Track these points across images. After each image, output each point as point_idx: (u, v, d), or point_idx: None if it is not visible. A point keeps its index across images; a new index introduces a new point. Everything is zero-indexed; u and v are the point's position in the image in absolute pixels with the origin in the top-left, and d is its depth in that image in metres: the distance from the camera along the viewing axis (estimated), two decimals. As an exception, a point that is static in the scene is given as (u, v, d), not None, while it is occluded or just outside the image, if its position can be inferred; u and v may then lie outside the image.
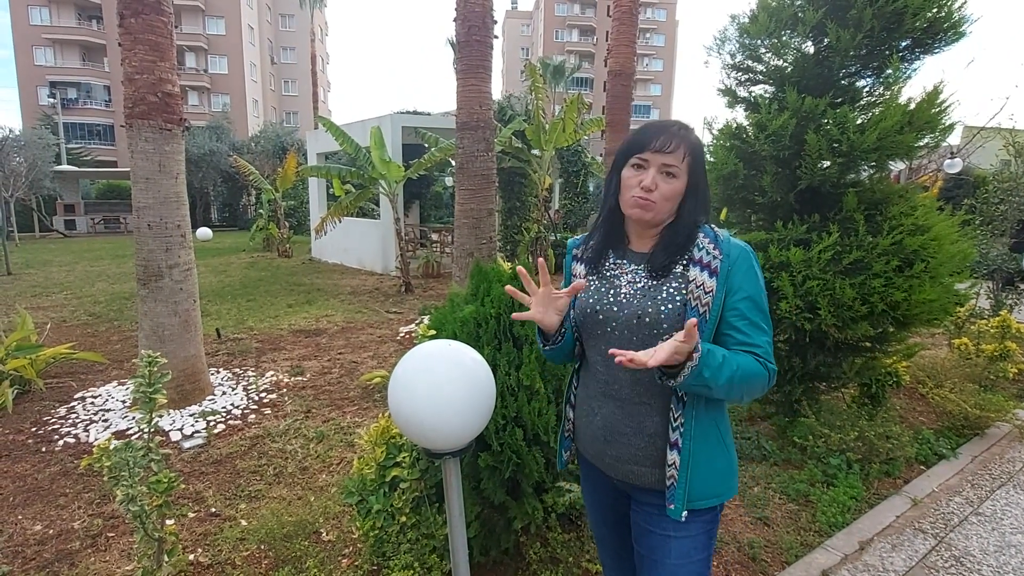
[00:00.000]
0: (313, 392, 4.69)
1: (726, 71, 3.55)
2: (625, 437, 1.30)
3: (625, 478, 1.34)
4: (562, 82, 45.86)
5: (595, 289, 1.34)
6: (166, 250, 4.11)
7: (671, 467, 1.24)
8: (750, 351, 1.19)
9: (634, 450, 1.29)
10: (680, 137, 1.23)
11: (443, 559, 2.12)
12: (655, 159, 1.23)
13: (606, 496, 1.47)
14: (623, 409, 1.30)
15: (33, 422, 4.06)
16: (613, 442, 1.32)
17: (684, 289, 1.23)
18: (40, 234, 20.96)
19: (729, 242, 1.25)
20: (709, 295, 1.20)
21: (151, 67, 3.95)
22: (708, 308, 1.20)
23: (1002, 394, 4.20)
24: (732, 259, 1.22)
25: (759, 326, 1.22)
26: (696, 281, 1.21)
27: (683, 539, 1.28)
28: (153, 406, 2.05)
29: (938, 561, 2.52)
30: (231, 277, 10.87)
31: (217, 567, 2.46)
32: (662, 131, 1.24)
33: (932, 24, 2.96)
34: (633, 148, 1.26)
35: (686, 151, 1.23)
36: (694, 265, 1.23)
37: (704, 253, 1.23)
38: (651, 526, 1.31)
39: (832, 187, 3.14)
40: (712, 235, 1.26)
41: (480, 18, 5.53)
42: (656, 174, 1.23)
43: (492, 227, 5.98)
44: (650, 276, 1.28)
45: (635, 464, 1.30)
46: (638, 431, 1.28)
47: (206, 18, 43.36)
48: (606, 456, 1.34)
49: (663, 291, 1.25)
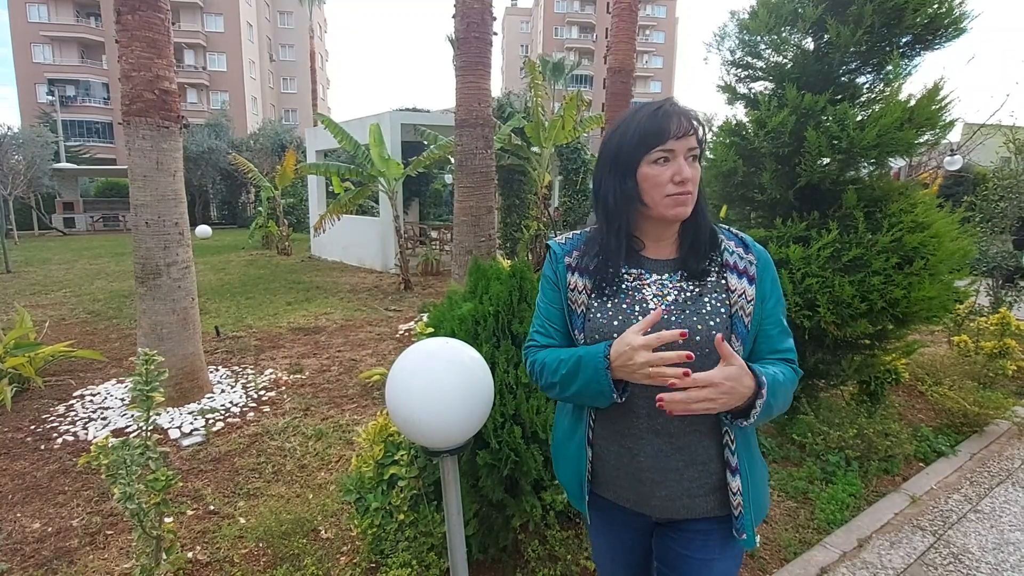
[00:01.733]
0: (312, 390, 4.69)
1: (726, 68, 3.54)
2: (677, 472, 1.15)
3: (675, 515, 1.19)
4: (562, 79, 45.78)
5: (615, 308, 1.14)
6: (164, 248, 4.10)
7: (735, 494, 1.13)
8: (783, 357, 1.13)
9: (688, 483, 1.16)
10: (689, 115, 1.09)
11: (441, 557, 2.12)
12: (680, 146, 1.07)
13: (632, 538, 1.32)
14: (672, 443, 1.14)
15: (32, 420, 4.05)
16: (663, 481, 1.16)
17: (727, 300, 1.11)
18: (39, 232, 20.94)
19: (756, 245, 1.17)
20: (751, 303, 1.11)
21: (148, 64, 3.93)
22: (751, 318, 1.11)
23: (1001, 391, 4.19)
24: (763, 263, 1.15)
25: (788, 331, 1.16)
26: (738, 290, 1.11)
27: (727, 559, 1.20)
28: (151, 404, 2.05)
29: (936, 558, 2.51)
30: (230, 275, 10.86)
31: (216, 565, 2.46)
32: (673, 113, 1.08)
33: (933, 20, 2.95)
34: (651, 140, 1.07)
35: (698, 127, 1.10)
36: (730, 272, 1.12)
37: (737, 258, 1.14)
38: (691, 552, 1.20)
39: (832, 184, 3.14)
40: (734, 237, 1.17)
41: (479, 15, 5.51)
42: (684, 162, 1.08)
43: (491, 225, 5.97)
44: (682, 286, 1.13)
45: (688, 498, 1.16)
46: (691, 463, 1.15)
47: (205, 15, 43.27)
48: (654, 498, 1.18)
49: (706, 303, 1.11)
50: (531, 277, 2.25)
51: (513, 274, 2.22)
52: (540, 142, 10.49)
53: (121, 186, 24.22)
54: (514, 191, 12.41)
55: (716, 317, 1.10)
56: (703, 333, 1.08)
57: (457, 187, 5.96)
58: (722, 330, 1.09)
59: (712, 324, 1.09)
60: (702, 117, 1.12)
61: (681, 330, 1.00)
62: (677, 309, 1.11)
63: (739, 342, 1.10)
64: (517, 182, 12.28)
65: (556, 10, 61.16)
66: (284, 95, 53.21)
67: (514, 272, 2.22)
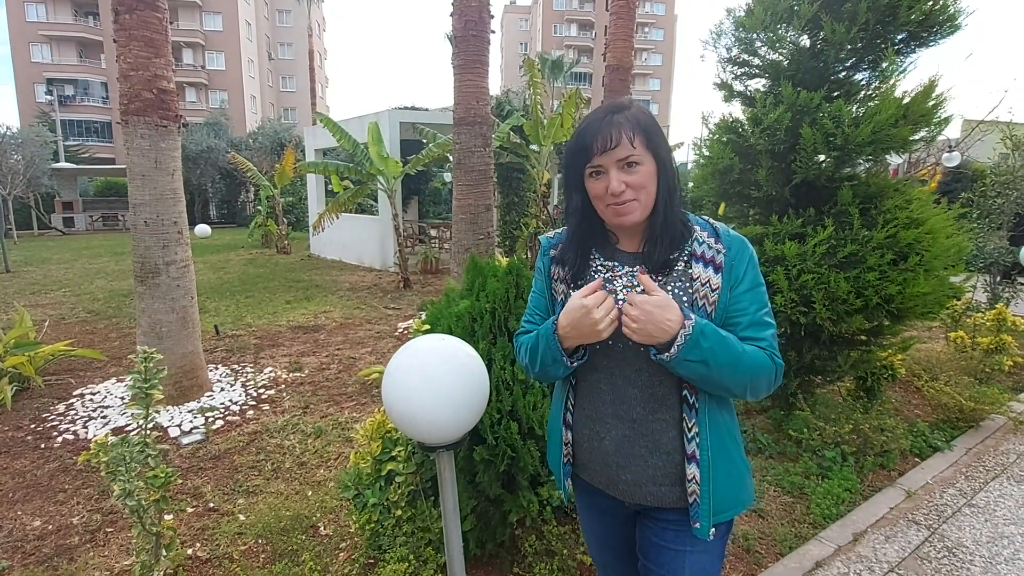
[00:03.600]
0: (311, 388, 4.70)
1: (722, 65, 3.55)
2: (640, 459, 1.19)
3: (643, 501, 1.23)
4: (561, 77, 45.72)
5: None
6: (163, 247, 4.11)
7: (691, 482, 1.15)
8: (756, 345, 1.13)
9: (652, 471, 1.19)
10: (618, 124, 1.09)
11: (439, 552, 2.14)
12: (607, 160, 1.10)
13: (614, 523, 1.37)
14: (636, 429, 1.19)
15: (32, 419, 4.07)
16: (628, 466, 1.20)
17: (689, 288, 1.14)
18: (38, 232, 20.95)
19: (729, 235, 1.17)
20: (716, 292, 1.13)
21: (146, 63, 3.94)
22: (714, 306, 1.13)
23: (997, 387, 4.21)
24: (734, 252, 1.15)
25: (763, 320, 1.16)
26: (701, 278, 1.13)
27: (700, 553, 1.21)
28: (150, 401, 2.06)
29: (931, 552, 2.53)
30: (229, 274, 10.87)
31: (215, 561, 2.47)
32: (598, 128, 1.11)
33: (927, 17, 2.96)
34: (580, 157, 1.14)
35: (632, 133, 1.09)
36: (696, 261, 1.14)
37: (705, 247, 1.15)
38: (665, 542, 1.23)
39: (827, 181, 3.15)
40: (709, 228, 1.18)
41: (477, 13, 5.51)
42: (618, 173, 1.11)
43: (490, 223, 5.98)
44: (649, 277, 1.17)
45: (654, 485, 1.20)
46: (653, 450, 1.18)
47: (203, 14, 43.19)
48: (620, 482, 1.23)
49: (669, 292, 1.14)
50: (527, 275, 2.27)
51: (509, 271, 2.23)
52: (539, 140, 10.49)
53: (120, 185, 24.20)
54: (513, 189, 12.42)
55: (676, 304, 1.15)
56: None
57: (456, 185, 5.97)
58: None
59: None
60: (638, 112, 1.13)
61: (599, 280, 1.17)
62: None
63: None
64: (516, 180, 12.28)
65: (555, 8, 61.05)
66: (283, 94, 53.14)
67: (510, 269, 2.24)
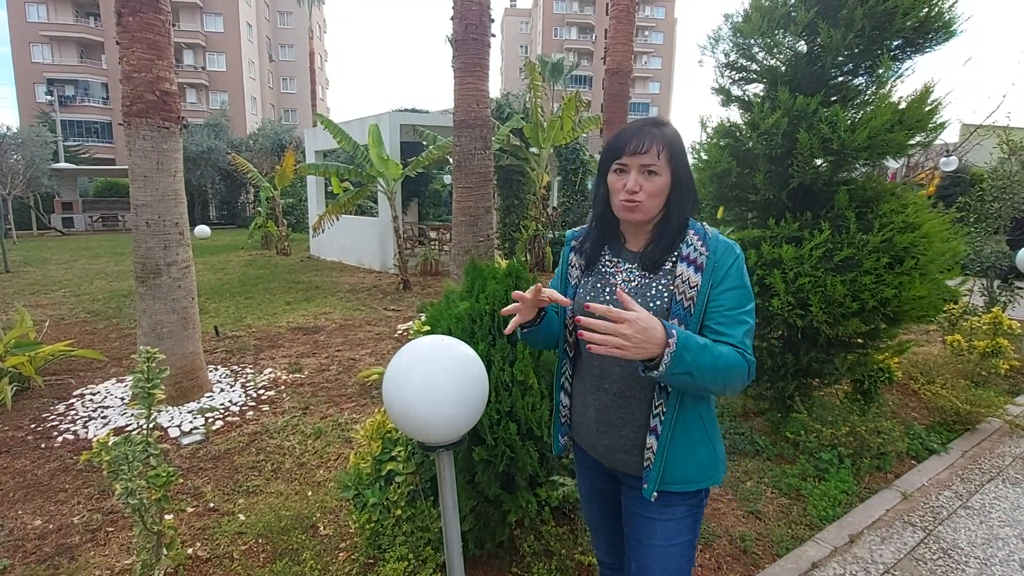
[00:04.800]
0: (311, 389, 4.72)
1: (720, 70, 3.58)
2: (615, 428, 1.37)
3: (615, 466, 1.41)
4: (561, 80, 45.82)
5: (591, 287, 1.39)
6: (164, 248, 4.13)
7: (648, 450, 1.31)
8: (726, 342, 1.21)
9: (623, 440, 1.36)
10: (652, 136, 1.27)
11: (438, 551, 2.15)
12: (633, 162, 1.27)
13: (599, 482, 1.54)
14: (615, 401, 1.35)
15: (32, 419, 4.08)
16: (605, 432, 1.39)
17: (671, 285, 1.28)
18: (38, 232, 20.94)
19: (716, 239, 1.29)
20: (694, 289, 1.25)
21: (149, 65, 3.97)
22: (692, 302, 1.25)
23: (993, 390, 4.23)
24: (718, 255, 1.27)
25: (738, 319, 1.25)
26: (682, 276, 1.26)
27: (667, 521, 1.35)
28: (152, 401, 2.08)
29: (926, 553, 2.55)
30: (229, 275, 10.89)
31: (215, 560, 2.49)
32: (635, 133, 1.28)
33: (923, 23, 2.98)
34: (612, 154, 1.31)
35: (661, 147, 1.26)
36: (682, 261, 1.28)
37: (692, 250, 1.28)
38: (638, 509, 1.39)
39: (824, 185, 3.18)
40: (701, 232, 1.30)
41: (477, 16, 5.55)
42: (637, 175, 1.27)
43: (490, 225, 6.01)
44: (643, 273, 1.32)
45: (623, 453, 1.37)
46: (627, 421, 1.35)
47: (204, 15, 43.25)
48: (599, 445, 1.42)
49: (652, 288, 1.30)
50: (526, 277, 2.29)
51: (509, 273, 2.25)
52: (539, 143, 10.53)
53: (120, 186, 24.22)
54: (513, 191, 12.45)
55: (659, 300, 1.28)
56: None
57: (456, 187, 5.99)
58: (662, 310, 1.26)
59: (653, 305, 1.28)
60: (671, 131, 1.30)
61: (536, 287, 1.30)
62: (632, 292, 1.31)
63: (674, 319, 1.25)
64: (516, 182, 12.32)
65: (555, 11, 61.18)
66: (283, 95, 53.19)
67: (510, 272, 2.26)
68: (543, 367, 2.25)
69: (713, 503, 2.93)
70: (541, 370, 2.23)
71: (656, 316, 1.20)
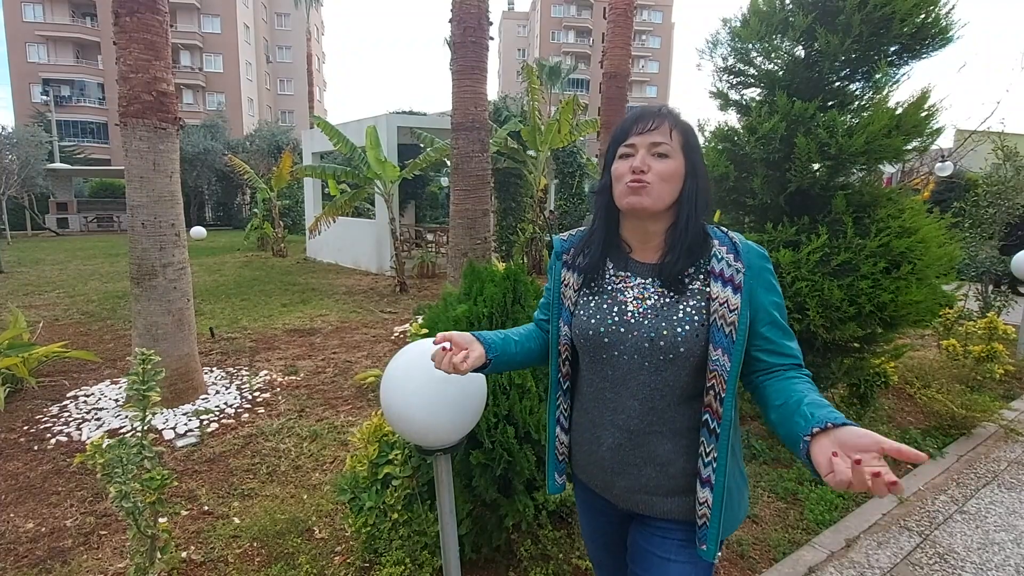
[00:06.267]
0: (307, 391, 4.70)
1: (718, 74, 3.59)
2: (635, 467, 1.19)
3: (634, 508, 1.23)
4: (558, 83, 45.94)
5: (596, 307, 1.19)
6: (160, 249, 4.11)
7: (703, 505, 1.13)
8: (794, 363, 1.10)
9: (645, 480, 1.19)
10: (662, 115, 1.13)
11: (434, 555, 2.14)
12: (642, 141, 1.11)
13: (609, 524, 1.37)
14: (632, 440, 1.18)
15: (25, 420, 4.05)
16: (623, 473, 1.21)
17: (705, 308, 1.10)
18: (32, 232, 20.84)
19: (749, 249, 1.12)
20: (735, 314, 1.07)
21: (146, 66, 3.95)
22: (735, 328, 1.07)
23: (988, 394, 4.25)
24: (755, 271, 1.10)
25: (788, 332, 1.13)
26: (719, 299, 1.08)
27: (684, 564, 1.19)
28: (147, 403, 2.06)
29: (922, 558, 2.56)
30: (225, 276, 10.85)
31: (210, 564, 2.47)
32: (643, 113, 1.14)
33: (920, 30, 3.00)
34: (618, 138, 1.16)
35: (672, 126, 1.12)
36: (715, 280, 1.10)
37: (725, 265, 1.10)
38: (652, 547, 1.22)
39: (821, 190, 3.19)
40: (728, 241, 1.13)
41: (476, 19, 5.56)
42: (647, 155, 1.11)
43: (487, 227, 6.01)
44: (664, 291, 1.14)
45: (646, 494, 1.20)
46: (648, 460, 1.18)
47: (201, 16, 43.18)
48: (615, 487, 1.23)
49: (679, 310, 1.11)
50: (525, 279, 2.29)
51: (507, 276, 2.25)
52: (536, 145, 10.54)
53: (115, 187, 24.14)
54: (510, 194, 12.45)
55: (687, 324, 1.10)
56: (668, 339, 1.10)
57: (453, 190, 5.99)
58: (693, 338, 1.09)
59: (681, 331, 1.09)
60: (685, 119, 1.16)
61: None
62: (652, 313, 1.13)
63: (718, 350, 1.08)
64: (513, 185, 12.32)
65: (553, 14, 61.37)
66: (281, 97, 53.12)
67: (508, 274, 2.25)
68: (541, 370, 2.24)
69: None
70: (539, 373, 2.22)
71: (685, 343, 1.09)
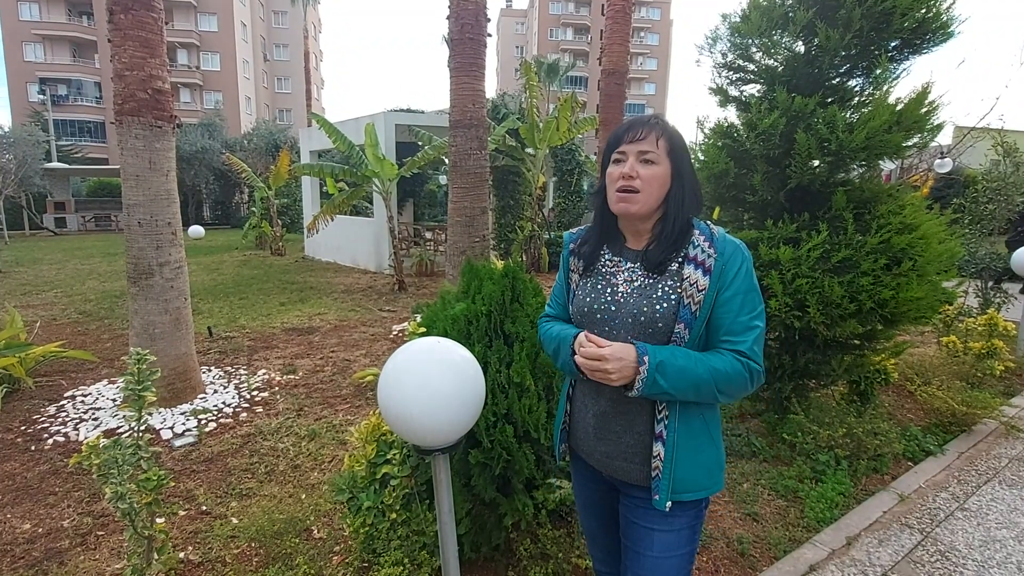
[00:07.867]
0: (305, 390, 4.68)
1: (717, 70, 3.57)
2: (615, 434, 1.33)
3: (614, 474, 1.37)
4: (556, 80, 45.83)
5: (591, 288, 1.36)
6: (157, 248, 4.09)
7: (656, 459, 1.27)
8: (733, 349, 1.22)
9: (623, 447, 1.32)
10: (650, 125, 1.27)
11: (433, 555, 2.13)
12: (631, 149, 1.27)
13: (596, 491, 1.50)
14: (615, 407, 1.32)
15: (22, 421, 4.03)
16: (604, 439, 1.35)
17: (679, 287, 1.24)
18: (30, 232, 20.78)
19: (724, 239, 1.26)
20: (701, 293, 1.22)
21: (141, 64, 3.92)
22: (699, 306, 1.22)
23: (989, 391, 4.24)
24: (726, 257, 1.24)
25: (748, 325, 1.23)
26: (690, 279, 1.23)
27: (667, 532, 1.31)
28: (143, 403, 2.05)
29: (924, 556, 2.55)
30: (223, 275, 10.82)
31: (207, 565, 2.45)
32: (633, 123, 1.29)
33: (921, 24, 2.98)
34: (612, 145, 1.31)
35: (659, 135, 1.26)
36: (689, 263, 1.25)
37: (700, 251, 1.25)
38: (636, 518, 1.35)
39: (821, 186, 3.17)
40: (707, 232, 1.28)
41: (473, 16, 5.53)
42: (635, 162, 1.26)
43: (485, 225, 5.98)
44: (646, 274, 1.29)
45: (624, 460, 1.33)
46: (628, 428, 1.32)
47: (198, 15, 43.05)
48: (597, 452, 1.38)
49: (658, 289, 1.27)
50: (523, 278, 2.27)
51: (506, 274, 2.23)
52: (535, 143, 10.51)
53: (113, 186, 24.07)
54: (508, 192, 12.42)
55: (664, 302, 1.25)
56: (647, 315, 1.26)
57: (451, 188, 5.97)
58: (668, 314, 1.24)
59: (659, 307, 1.25)
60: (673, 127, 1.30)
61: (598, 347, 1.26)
62: (637, 293, 1.29)
63: (681, 324, 1.23)
64: (511, 183, 12.29)
65: (551, 11, 61.22)
66: (278, 95, 52.99)
67: (506, 272, 2.23)
68: (540, 369, 2.22)
69: (710, 505, 2.91)
70: (538, 372, 2.20)
71: (662, 319, 1.24)
